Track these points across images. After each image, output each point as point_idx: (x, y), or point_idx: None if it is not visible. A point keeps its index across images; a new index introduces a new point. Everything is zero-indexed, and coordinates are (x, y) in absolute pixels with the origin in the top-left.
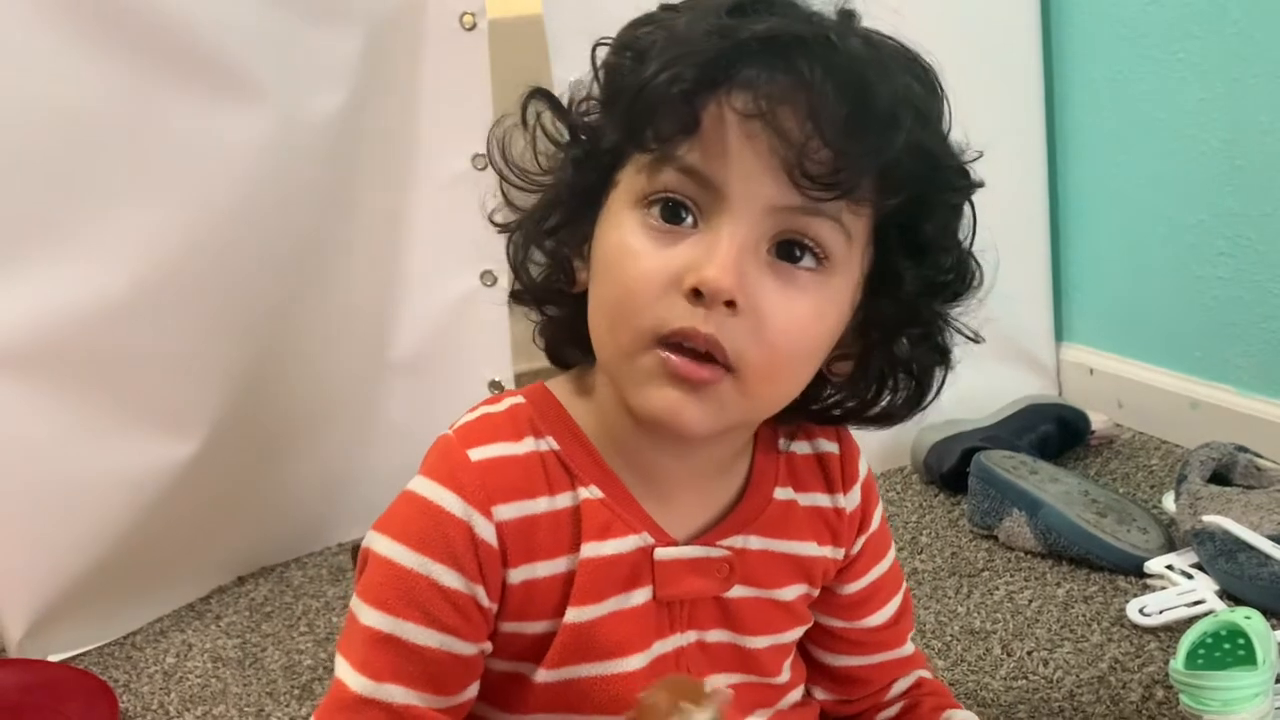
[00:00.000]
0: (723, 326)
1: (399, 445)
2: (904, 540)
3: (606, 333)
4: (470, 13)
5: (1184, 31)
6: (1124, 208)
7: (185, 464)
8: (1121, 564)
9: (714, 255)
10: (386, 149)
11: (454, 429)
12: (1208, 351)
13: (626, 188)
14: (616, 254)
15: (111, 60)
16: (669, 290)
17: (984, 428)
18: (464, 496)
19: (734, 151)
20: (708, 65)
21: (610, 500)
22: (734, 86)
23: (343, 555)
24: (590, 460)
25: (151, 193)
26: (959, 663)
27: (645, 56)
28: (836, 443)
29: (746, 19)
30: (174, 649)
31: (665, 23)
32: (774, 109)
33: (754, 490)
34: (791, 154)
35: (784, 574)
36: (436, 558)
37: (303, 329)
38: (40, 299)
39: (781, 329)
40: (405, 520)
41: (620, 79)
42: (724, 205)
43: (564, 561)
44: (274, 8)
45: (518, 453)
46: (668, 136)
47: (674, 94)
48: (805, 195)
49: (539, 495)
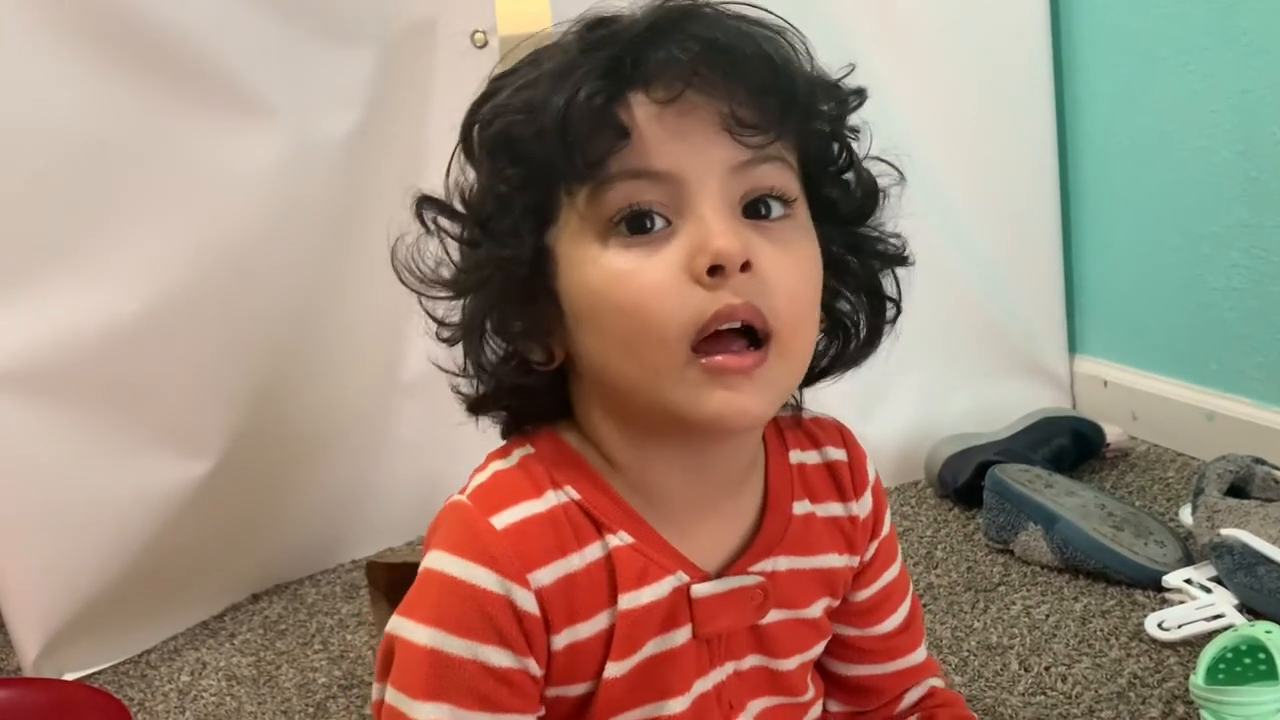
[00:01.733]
0: (750, 290)
1: (410, 463)
2: (919, 555)
3: (632, 366)
4: (481, 31)
5: (1195, 44)
6: (1137, 220)
7: (199, 483)
8: (1139, 578)
9: (710, 229)
10: (398, 168)
11: (468, 495)
12: (1223, 363)
13: (577, 228)
14: (607, 287)
15: (124, 83)
16: (683, 288)
17: (998, 441)
18: (497, 570)
19: (674, 135)
20: (610, 71)
21: (641, 544)
22: (646, 77)
23: (356, 572)
24: (613, 504)
25: (166, 214)
26: (976, 678)
27: (532, 106)
28: (844, 448)
29: (611, 26)
30: (189, 667)
31: (528, 76)
32: (693, 78)
33: (773, 508)
34: (726, 111)
35: (812, 590)
36: (482, 639)
37: (314, 349)
38: (55, 321)
39: (793, 275)
40: (440, 604)
41: (520, 135)
42: (688, 189)
43: (604, 617)
44: (285, 29)
45: (542, 510)
46: (603, 154)
47: (594, 109)
48: (751, 146)
49: (570, 552)
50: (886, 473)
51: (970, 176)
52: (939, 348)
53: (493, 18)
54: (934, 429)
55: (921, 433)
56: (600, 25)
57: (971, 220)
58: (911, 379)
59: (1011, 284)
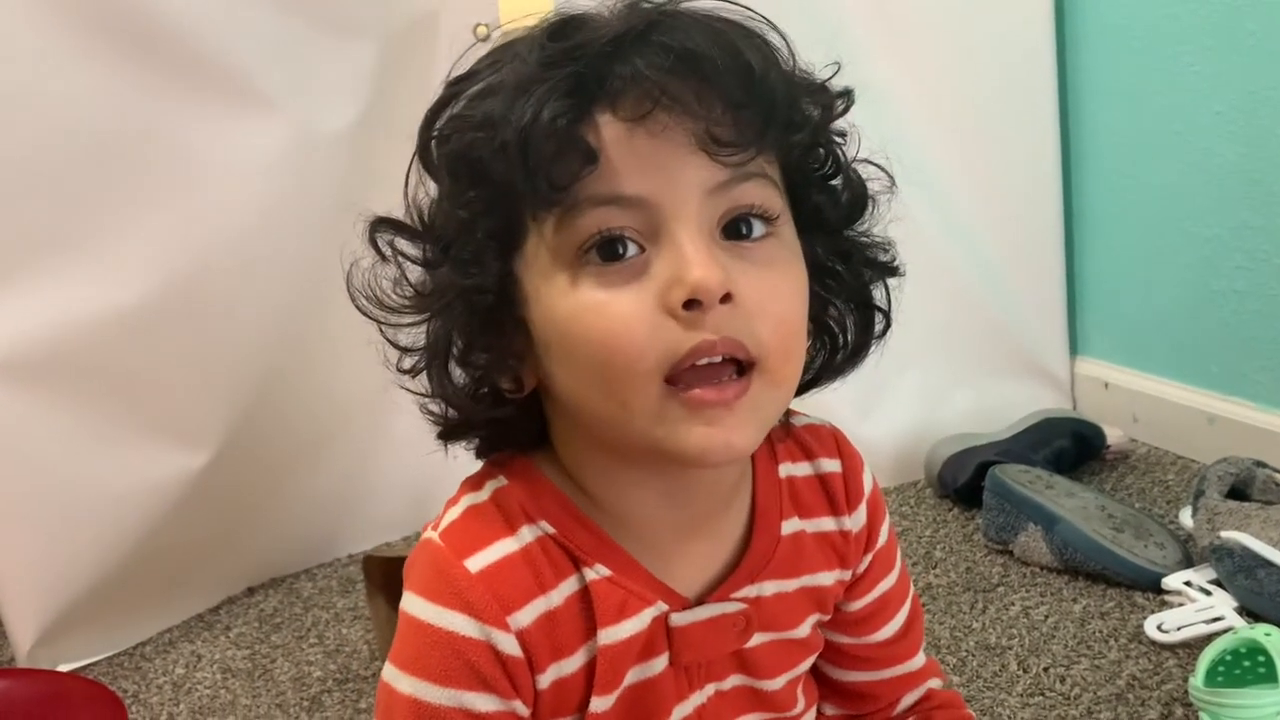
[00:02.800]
0: (729, 324)
1: (409, 457)
2: (918, 555)
3: (604, 401)
4: (483, 24)
5: (1199, 44)
6: (1139, 221)
7: (196, 475)
8: (1139, 580)
9: (686, 259)
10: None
11: (440, 533)
12: (1224, 366)
13: (545, 255)
14: (574, 318)
15: (128, 75)
16: (658, 322)
17: (998, 442)
18: (475, 615)
19: (645, 157)
20: (575, 88)
21: (618, 576)
22: (612, 94)
23: (353, 566)
24: (590, 536)
25: (166, 206)
26: (974, 678)
27: (492, 122)
28: (838, 459)
29: (573, 37)
30: (183, 660)
31: (487, 81)
32: (663, 94)
33: (761, 529)
34: (701, 129)
35: (800, 611)
36: (464, 687)
37: (315, 341)
38: (55, 311)
39: (778, 299)
40: (419, 653)
41: (479, 154)
42: (662, 214)
43: (583, 653)
44: (287, 21)
45: (516, 549)
46: (569, 179)
47: (558, 131)
48: (729, 165)
49: (549, 589)
50: (885, 473)
51: (972, 176)
52: (939, 348)
53: (495, 11)
54: (934, 429)
55: (921, 433)
56: (563, 33)
57: (973, 220)
58: (912, 379)
59: (1013, 284)
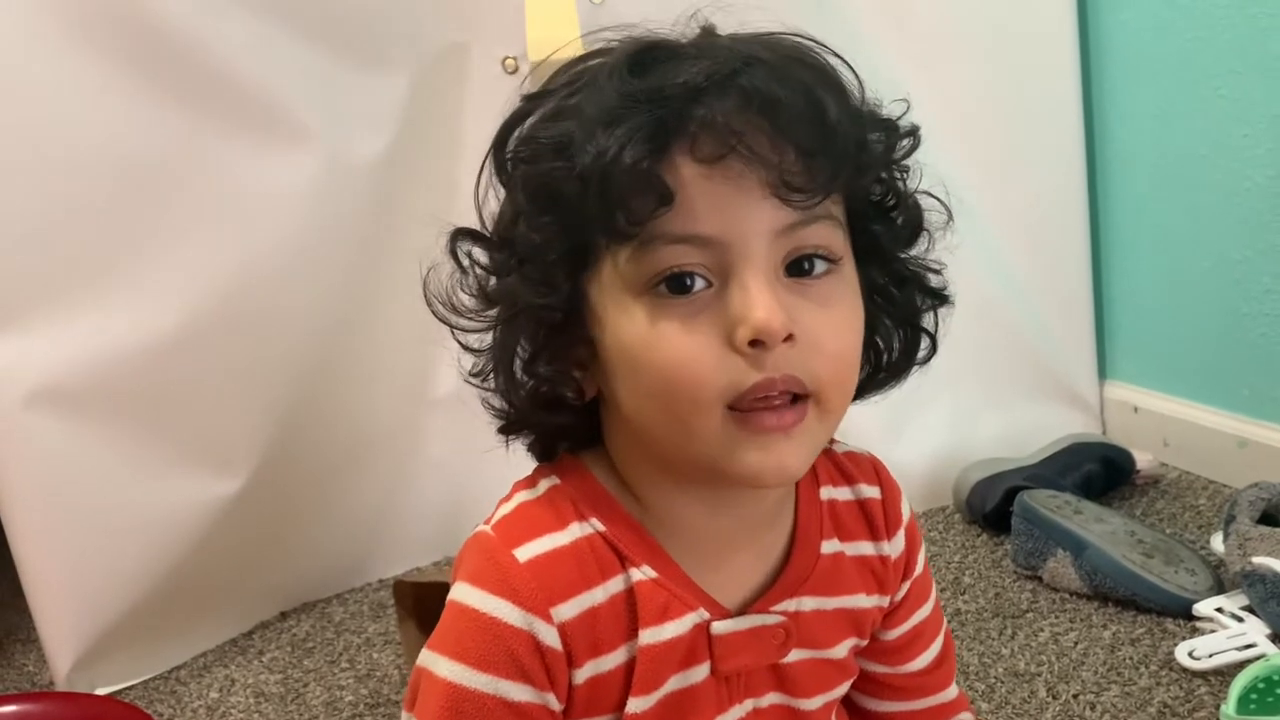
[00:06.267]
0: (789, 362)
1: (440, 482)
2: (946, 581)
3: (667, 422)
4: (512, 56)
5: (1227, 67)
6: (1168, 244)
7: (230, 500)
8: (1169, 606)
9: (752, 301)
10: (429, 191)
11: (492, 525)
12: (1255, 389)
13: (617, 282)
14: (644, 346)
15: (163, 106)
16: (722, 356)
17: (1027, 466)
18: (520, 604)
19: (719, 199)
20: (655, 130)
21: (664, 579)
22: (691, 135)
23: (384, 591)
24: (638, 539)
25: (201, 234)
26: (1003, 705)
27: (569, 150)
28: (878, 486)
29: (654, 71)
30: (217, 684)
31: (562, 104)
32: (740, 140)
33: (801, 546)
34: (774, 175)
35: (837, 631)
36: (503, 674)
37: (346, 367)
38: (92, 338)
39: (836, 338)
40: (462, 637)
41: (558, 183)
42: (731, 253)
43: (623, 651)
44: (321, 54)
45: (565, 543)
46: (645, 217)
47: (640, 171)
48: (798, 208)
49: (594, 585)
50: (915, 497)
51: (999, 200)
52: (969, 372)
53: (524, 44)
54: (963, 454)
55: (950, 457)
56: (644, 66)
57: (1000, 244)
58: (941, 403)
59: (1041, 309)
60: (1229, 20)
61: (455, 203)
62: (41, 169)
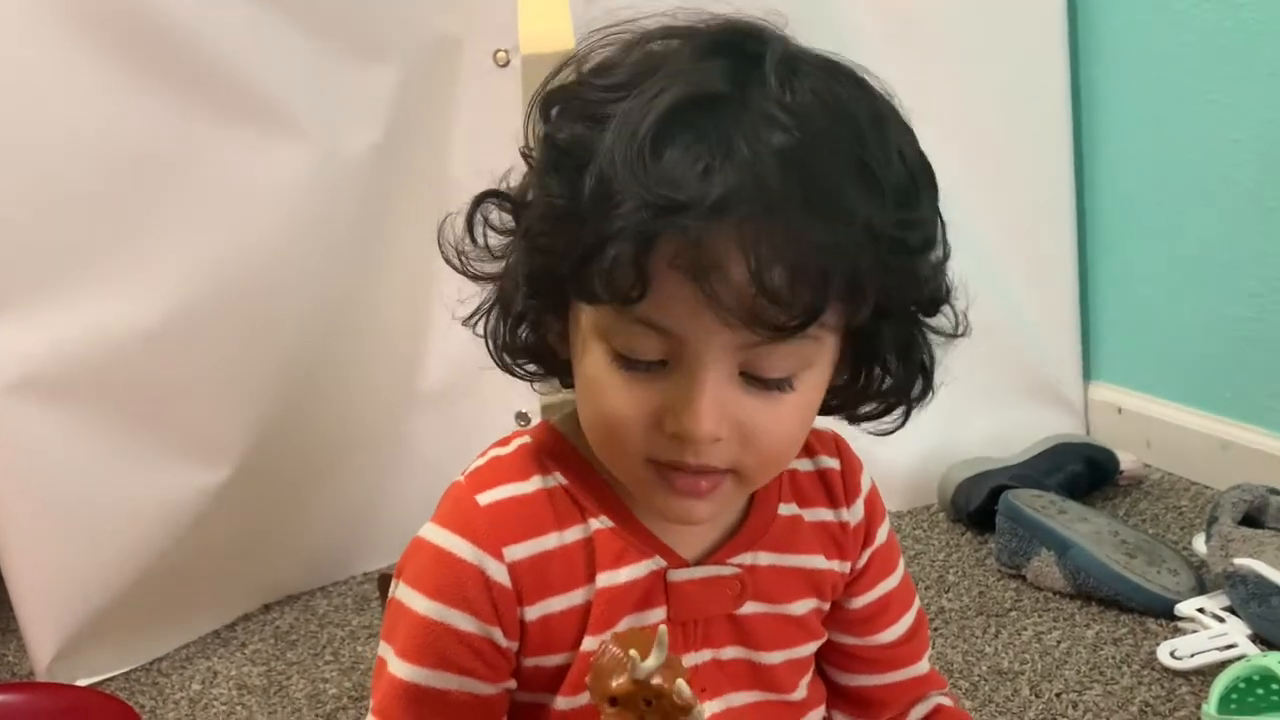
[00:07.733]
0: (712, 454)
1: (427, 476)
2: (931, 579)
3: (600, 445)
4: (504, 50)
5: (1217, 72)
6: (1154, 247)
7: (215, 492)
8: (1152, 606)
9: (690, 402)
10: (420, 184)
11: (464, 475)
12: (1239, 392)
13: (591, 313)
14: (592, 384)
15: (156, 97)
16: (651, 429)
17: (1012, 466)
18: (474, 541)
19: (691, 305)
20: (641, 231)
21: (621, 529)
22: (675, 244)
23: (368, 584)
24: (599, 491)
25: (191, 225)
26: (987, 703)
27: (580, 180)
28: (837, 458)
29: (666, 155)
30: (199, 676)
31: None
32: (716, 266)
33: (759, 508)
34: (744, 313)
35: (795, 589)
36: (452, 604)
37: (334, 360)
38: (79, 327)
39: (773, 432)
40: (420, 568)
41: (556, 209)
42: (688, 349)
43: (580, 594)
44: (313, 47)
45: (526, 491)
46: (619, 296)
47: (624, 260)
48: (768, 341)
49: (549, 532)
50: (900, 496)
51: (986, 202)
52: (954, 373)
53: (515, 37)
54: (948, 454)
55: (935, 457)
56: (671, 138)
57: (987, 246)
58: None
59: (1027, 310)
60: (1219, 25)
61: (446, 194)
62: (30, 158)
